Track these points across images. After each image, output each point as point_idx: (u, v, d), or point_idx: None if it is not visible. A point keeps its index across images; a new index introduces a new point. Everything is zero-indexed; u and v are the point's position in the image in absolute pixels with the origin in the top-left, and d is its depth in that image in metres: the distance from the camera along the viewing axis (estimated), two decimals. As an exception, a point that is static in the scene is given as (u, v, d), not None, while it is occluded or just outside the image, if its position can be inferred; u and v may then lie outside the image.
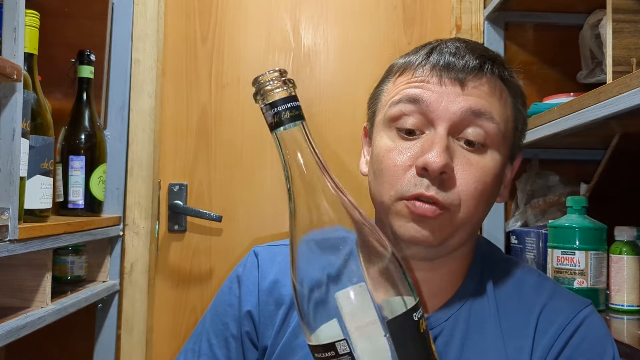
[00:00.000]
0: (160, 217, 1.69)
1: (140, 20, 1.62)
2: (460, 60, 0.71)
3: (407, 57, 0.76)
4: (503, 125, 0.72)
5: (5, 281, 1.11)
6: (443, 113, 0.69)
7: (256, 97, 0.51)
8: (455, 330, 0.73)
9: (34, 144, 1.09)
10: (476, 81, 0.71)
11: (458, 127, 0.70)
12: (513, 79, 0.76)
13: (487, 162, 0.71)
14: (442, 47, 0.73)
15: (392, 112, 0.73)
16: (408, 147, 0.71)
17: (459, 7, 1.72)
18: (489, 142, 0.71)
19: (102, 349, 1.56)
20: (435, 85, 0.71)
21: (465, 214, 0.70)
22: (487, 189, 0.71)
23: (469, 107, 0.69)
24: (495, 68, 0.73)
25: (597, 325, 0.73)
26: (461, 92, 0.70)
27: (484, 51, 0.75)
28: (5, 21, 0.96)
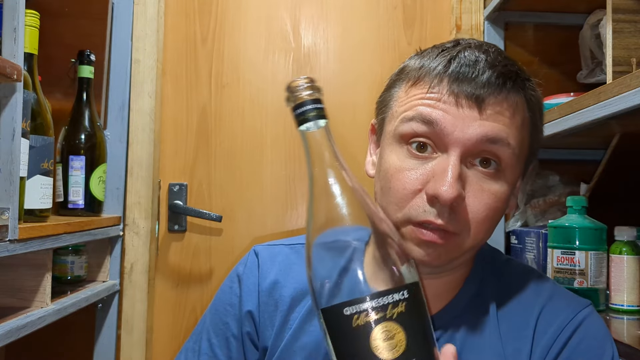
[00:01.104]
0: (160, 217, 1.69)
1: (140, 20, 1.62)
2: (481, 76, 0.67)
3: (422, 62, 0.72)
4: (518, 149, 0.69)
5: (5, 281, 1.11)
6: (458, 138, 0.66)
7: (288, 99, 0.59)
8: (455, 333, 0.73)
9: (34, 144, 1.09)
10: (495, 102, 0.67)
11: (472, 152, 0.67)
12: (535, 93, 0.73)
13: (499, 188, 0.69)
14: (460, 58, 0.69)
15: (403, 129, 0.69)
16: (418, 167, 0.68)
17: (459, 7, 1.72)
18: (503, 167, 0.68)
19: (102, 349, 1.55)
20: (451, 105, 0.67)
21: (473, 239, 0.69)
22: (497, 214, 0.69)
23: (484, 134, 0.66)
24: (517, 84, 0.69)
25: (597, 326, 0.73)
26: (478, 116, 0.66)
27: (505, 65, 0.69)
28: (5, 21, 0.96)
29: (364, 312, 0.51)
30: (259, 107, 1.73)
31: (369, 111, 1.74)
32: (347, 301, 0.52)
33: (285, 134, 1.73)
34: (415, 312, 0.54)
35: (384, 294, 0.52)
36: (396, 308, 0.52)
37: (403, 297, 0.52)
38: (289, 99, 0.59)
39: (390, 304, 0.52)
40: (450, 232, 0.67)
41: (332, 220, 0.56)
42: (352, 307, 0.52)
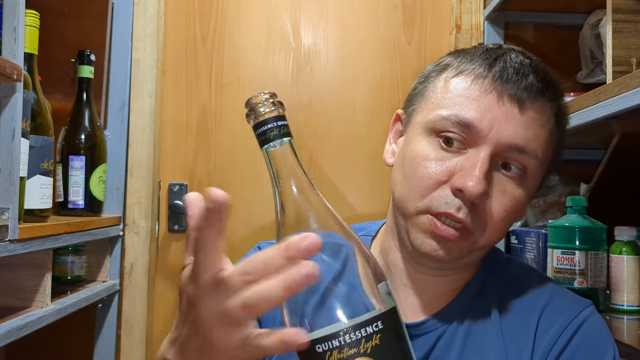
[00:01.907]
0: (160, 217, 1.69)
1: (140, 20, 1.62)
2: (525, 79, 0.68)
3: (465, 59, 0.72)
4: (544, 158, 0.71)
5: (5, 281, 1.11)
6: (491, 138, 0.67)
7: (248, 117, 0.55)
8: (457, 332, 0.73)
9: (34, 144, 1.09)
10: (535, 106, 0.68)
11: (501, 154, 0.68)
12: (565, 109, 0.74)
13: (521, 193, 0.69)
14: (506, 60, 0.69)
15: (437, 125, 0.69)
16: (447, 159, 0.68)
17: (459, 7, 1.72)
18: (527, 175, 0.70)
19: (102, 349, 1.55)
20: (493, 102, 0.67)
21: (488, 239, 0.70)
22: (513, 217, 0.70)
23: (516, 142, 0.67)
24: (555, 95, 0.71)
25: (598, 326, 0.73)
26: (518, 113, 0.67)
27: (547, 73, 0.71)
28: (5, 21, 0.96)
29: (335, 349, 0.49)
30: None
31: (368, 110, 1.74)
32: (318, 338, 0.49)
33: (285, 134, 1.72)
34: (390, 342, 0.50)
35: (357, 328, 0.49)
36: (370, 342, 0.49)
37: (377, 328, 0.49)
38: (249, 116, 0.55)
39: (364, 338, 0.49)
40: (466, 229, 0.67)
41: None
42: (324, 344, 0.49)
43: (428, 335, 0.74)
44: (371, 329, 0.49)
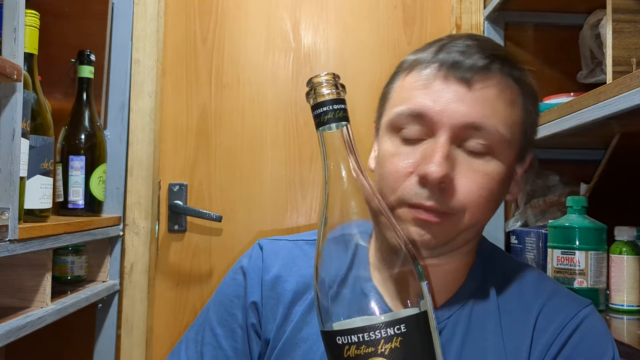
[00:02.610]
0: (160, 217, 1.69)
1: (140, 20, 1.62)
2: (468, 58, 0.69)
3: (417, 54, 0.75)
4: (508, 132, 0.70)
5: (5, 281, 1.11)
6: (445, 122, 0.68)
7: (308, 96, 0.55)
8: (457, 329, 0.74)
9: (34, 144, 1.09)
10: (484, 82, 0.69)
11: (460, 136, 0.69)
12: (525, 78, 0.74)
13: (493, 168, 0.69)
14: (450, 45, 0.72)
15: (395, 122, 0.72)
16: (410, 152, 0.70)
17: (459, 7, 1.72)
18: (493, 150, 0.69)
19: (102, 349, 1.55)
20: (440, 86, 0.69)
21: (470, 220, 0.70)
22: (492, 194, 0.70)
23: (471, 121, 0.68)
24: (505, 67, 0.71)
25: (597, 325, 0.73)
26: (467, 92, 0.68)
27: (494, 49, 0.73)
28: (5, 21, 0.96)
29: (354, 344, 0.48)
30: (259, 107, 1.73)
31: (368, 110, 1.73)
32: (340, 330, 0.49)
33: (285, 134, 1.73)
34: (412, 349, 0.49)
35: (377, 328, 0.48)
36: (389, 344, 0.48)
37: (399, 331, 0.48)
38: (308, 95, 0.55)
39: (383, 339, 0.48)
40: (441, 213, 0.68)
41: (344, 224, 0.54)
42: (344, 337, 0.49)
43: None
44: (392, 331, 0.48)
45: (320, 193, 1.72)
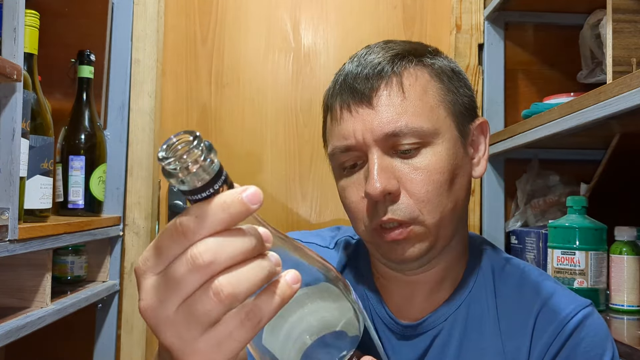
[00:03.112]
0: (160, 217, 1.69)
1: (140, 20, 1.62)
2: (359, 76, 0.72)
3: (326, 91, 0.80)
4: (428, 121, 0.71)
5: (5, 281, 1.11)
6: (367, 142, 0.71)
7: (169, 177, 0.38)
8: (454, 330, 0.74)
9: (34, 144, 1.09)
10: (380, 91, 0.71)
11: (386, 145, 0.70)
12: (426, 60, 0.74)
13: (429, 160, 0.70)
14: (346, 68, 0.76)
15: (333, 163, 0.77)
16: (355, 180, 0.73)
17: (459, 7, 1.72)
18: (423, 144, 0.71)
19: (102, 349, 1.55)
20: (348, 118, 0.72)
21: (431, 218, 0.70)
22: (441, 184, 0.70)
23: (384, 132, 0.70)
24: (396, 66, 0.72)
25: (597, 325, 0.73)
26: (372, 111, 0.71)
27: (385, 52, 0.74)
28: (5, 21, 0.96)
29: None
30: (259, 107, 1.73)
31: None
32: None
33: (285, 134, 1.73)
34: None
35: None
36: None
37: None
38: (170, 179, 0.38)
39: None
40: (401, 222, 0.69)
41: None
42: None
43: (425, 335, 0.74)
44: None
45: (321, 193, 1.72)
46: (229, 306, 0.38)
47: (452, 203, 0.72)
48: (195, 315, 0.38)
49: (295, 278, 0.40)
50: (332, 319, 0.46)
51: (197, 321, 0.38)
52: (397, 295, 0.78)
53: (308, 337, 0.44)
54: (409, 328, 0.75)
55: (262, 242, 0.39)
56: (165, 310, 0.39)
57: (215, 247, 0.37)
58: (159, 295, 0.40)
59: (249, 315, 0.38)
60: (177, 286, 0.38)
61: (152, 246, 0.40)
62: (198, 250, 0.37)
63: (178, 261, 0.38)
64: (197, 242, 0.37)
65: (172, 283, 0.38)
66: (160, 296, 0.39)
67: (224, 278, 0.37)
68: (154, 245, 0.40)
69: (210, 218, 0.37)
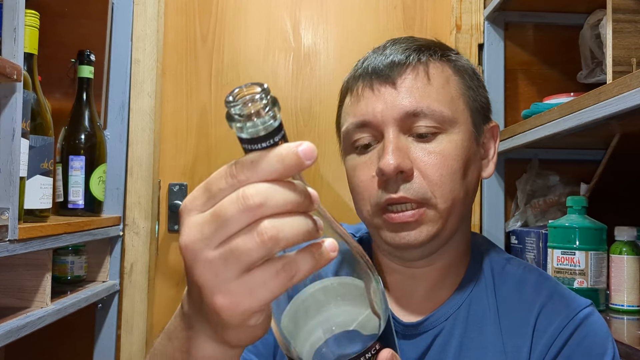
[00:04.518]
0: (160, 217, 1.69)
1: (140, 20, 1.62)
2: (386, 59, 0.74)
3: (347, 76, 0.80)
4: (448, 107, 0.72)
5: (5, 281, 1.11)
6: (385, 121, 0.71)
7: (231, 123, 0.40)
8: (455, 329, 0.74)
9: (34, 144, 1.09)
10: (405, 74, 0.73)
11: (404, 126, 0.71)
12: (450, 57, 0.77)
13: (445, 146, 0.71)
14: (371, 54, 0.78)
15: (346, 140, 0.76)
16: (367, 159, 0.73)
17: (459, 7, 1.72)
18: (440, 130, 0.72)
19: (102, 349, 1.55)
20: (370, 96, 0.73)
21: (443, 202, 0.70)
22: (454, 171, 0.71)
23: (405, 111, 0.71)
24: (421, 55, 0.74)
25: (597, 325, 0.73)
26: (395, 91, 0.72)
27: (410, 43, 0.77)
28: (5, 21, 0.96)
29: None
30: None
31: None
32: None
33: (285, 134, 1.72)
34: None
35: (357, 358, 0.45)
36: None
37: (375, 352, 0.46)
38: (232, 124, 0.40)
39: None
40: (413, 201, 0.69)
41: None
42: None
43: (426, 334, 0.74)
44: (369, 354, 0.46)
45: (320, 193, 1.72)
46: (270, 250, 0.38)
47: (463, 192, 0.72)
48: (235, 255, 0.38)
49: (334, 246, 0.41)
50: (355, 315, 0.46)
51: (236, 261, 0.38)
52: (397, 291, 0.78)
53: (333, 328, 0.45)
54: (410, 327, 0.75)
55: (310, 201, 0.40)
56: (206, 247, 0.39)
57: (267, 191, 0.38)
58: (203, 232, 0.39)
59: (285, 267, 0.39)
60: (223, 224, 0.38)
61: (202, 186, 0.41)
62: (250, 192, 0.38)
63: (228, 200, 0.39)
64: (249, 185, 0.38)
65: (219, 220, 0.39)
66: (204, 232, 0.39)
67: (269, 222, 0.38)
68: (203, 186, 0.41)
69: (265, 165, 0.39)
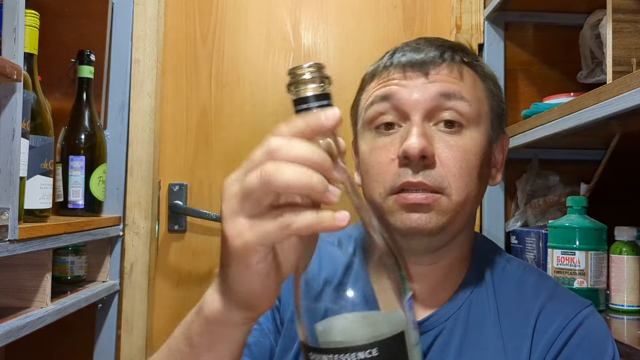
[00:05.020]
0: (160, 217, 1.69)
1: (140, 20, 1.62)
2: (421, 53, 0.74)
3: (375, 64, 0.79)
4: (476, 104, 0.73)
5: (5, 281, 1.11)
6: (414, 103, 0.71)
7: (289, 88, 0.50)
8: (455, 330, 0.74)
9: (34, 144, 1.09)
10: (438, 69, 0.73)
11: (432, 112, 0.71)
12: (479, 63, 0.77)
13: (467, 141, 0.71)
14: (403, 47, 0.77)
15: (368, 114, 0.75)
16: (388, 141, 0.72)
17: (459, 7, 1.72)
18: (465, 122, 0.72)
19: (102, 349, 1.55)
20: (401, 80, 0.73)
21: (457, 195, 0.70)
22: (472, 167, 0.71)
23: (437, 91, 0.71)
24: (455, 55, 0.75)
25: (597, 326, 0.73)
26: (427, 81, 0.72)
27: (443, 42, 0.77)
28: (5, 21, 0.96)
29: None
30: (259, 107, 1.73)
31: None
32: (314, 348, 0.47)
33: (285, 134, 1.72)
34: None
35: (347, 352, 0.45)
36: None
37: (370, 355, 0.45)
38: (289, 88, 0.50)
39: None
40: (430, 187, 0.69)
41: None
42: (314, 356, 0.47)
43: (426, 335, 0.74)
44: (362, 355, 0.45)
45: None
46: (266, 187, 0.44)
47: (476, 190, 0.73)
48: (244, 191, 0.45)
49: (344, 218, 0.44)
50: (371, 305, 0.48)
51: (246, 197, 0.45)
52: None
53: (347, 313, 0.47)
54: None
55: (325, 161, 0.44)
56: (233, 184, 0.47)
57: (284, 141, 0.44)
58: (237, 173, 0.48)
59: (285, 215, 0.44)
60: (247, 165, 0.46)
61: None
62: (272, 141, 0.45)
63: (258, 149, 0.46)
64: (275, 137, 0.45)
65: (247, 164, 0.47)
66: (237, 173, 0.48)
67: (274, 163, 0.43)
68: None
69: (293, 123, 0.46)
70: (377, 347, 0.45)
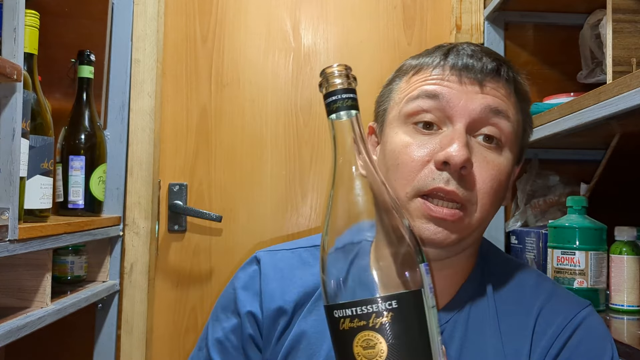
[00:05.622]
0: (160, 217, 1.69)
1: (140, 20, 1.62)
2: (479, 62, 0.72)
3: (421, 59, 0.76)
4: (516, 126, 0.73)
5: (5, 281, 1.11)
6: (463, 110, 0.69)
7: (320, 86, 0.58)
8: (455, 332, 0.73)
9: (34, 144, 1.09)
10: (494, 83, 0.71)
11: (476, 124, 0.70)
12: (523, 85, 0.77)
13: (502, 161, 0.71)
14: (458, 49, 0.74)
15: (409, 108, 0.72)
16: (426, 142, 0.70)
17: (459, 7, 1.72)
18: (505, 141, 0.71)
19: (102, 349, 1.55)
20: (454, 83, 0.71)
21: (481, 213, 0.70)
22: (500, 188, 0.71)
23: (488, 104, 0.70)
24: (510, 72, 0.74)
25: (596, 326, 0.73)
26: (480, 91, 0.70)
27: (498, 55, 0.76)
28: (5, 21, 0.96)
29: (348, 317, 0.52)
30: (259, 107, 1.73)
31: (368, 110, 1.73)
32: (337, 304, 0.53)
33: (285, 134, 1.73)
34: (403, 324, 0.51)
35: (368, 303, 0.51)
36: (380, 318, 0.51)
37: (390, 307, 0.51)
38: (321, 85, 0.58)
39: (374, 314, 0.51)
40: (459, 199, 0.67)
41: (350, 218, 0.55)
42: (339, 311, 0.52)
43: None
44: (383, 306, 0.51)
45: (321, 193, 1.72)
46: None
47: (495, 209, 0.73)
48: None
49: None
50: None
51: None
52: None
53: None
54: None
55: None
56: None
57: None
58: None
59: None
60: None
61: None
62: None
63: None
64: None
65: None
66: None
67: None
68: None
69: None
70: (396, 300, 0.51)
